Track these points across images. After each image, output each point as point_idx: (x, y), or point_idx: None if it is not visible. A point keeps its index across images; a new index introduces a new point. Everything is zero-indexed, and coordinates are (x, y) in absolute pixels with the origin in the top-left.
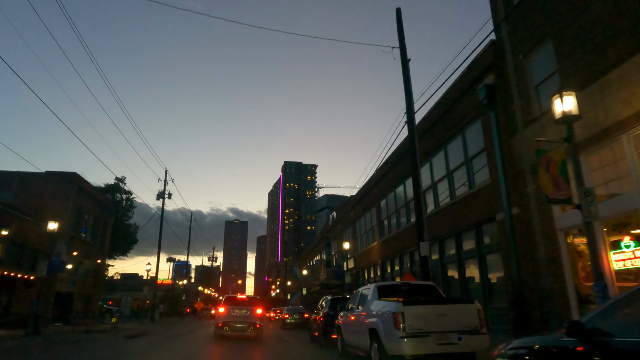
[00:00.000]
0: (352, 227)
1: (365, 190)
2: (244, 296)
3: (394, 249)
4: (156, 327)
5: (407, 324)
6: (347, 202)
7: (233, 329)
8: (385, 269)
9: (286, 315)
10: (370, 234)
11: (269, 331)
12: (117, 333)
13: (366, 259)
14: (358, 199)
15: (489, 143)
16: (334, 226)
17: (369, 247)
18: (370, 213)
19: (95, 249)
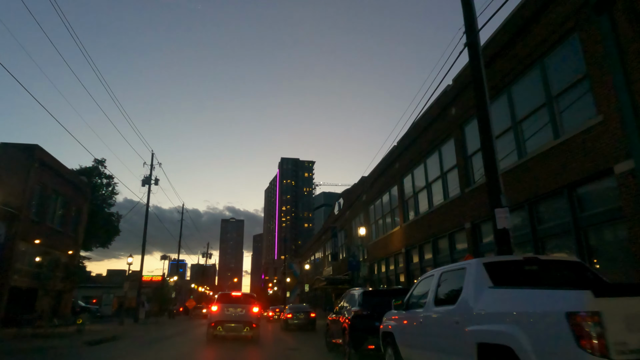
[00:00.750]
0: (365, 213)
1: (381, 168)
2: (239, 293)
3: (424, 232)
4: (137, 329)
5: (611, 337)
6: (357, 184)
7: (227, 329)
8: (410, 258)
9: (289, 314)
10: (389, 218)
11: (269, 333)
12: (82, 338)
13: (383, 249)
14: (373, 179)
15: (594, 65)
16: (342, 214)
17: (386, 234)
18: (388, 194)
19: (66, 238)
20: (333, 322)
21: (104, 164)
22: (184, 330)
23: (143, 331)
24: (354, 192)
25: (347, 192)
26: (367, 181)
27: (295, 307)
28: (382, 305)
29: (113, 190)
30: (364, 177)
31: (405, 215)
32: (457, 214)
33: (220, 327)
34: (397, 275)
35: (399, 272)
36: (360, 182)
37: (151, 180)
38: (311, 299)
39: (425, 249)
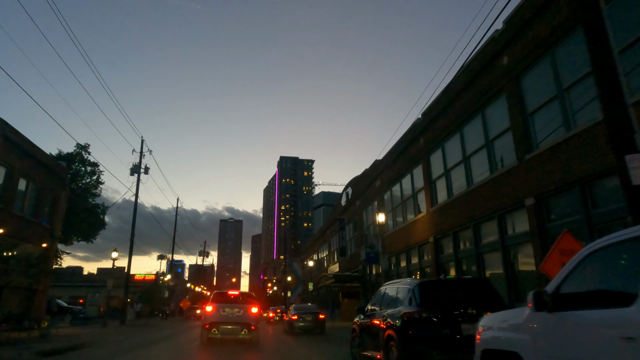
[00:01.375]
0: (379, 200)
1: (400, 148)
2: (236, 292)
3: (461, 217)
4: (120, 332)
5: None
6: (369, 169)
7: (223, 331)
8: (440, 249)
9: (294, 316)
10: (411, 204)
11: (270, 338)
12: (41, 345)
13: (403, 240)
14: (389, 162)
15: None
16: (350, 204)
17: (407, 223)
18: (409, 177)
19: (38, 228)
20: (364, 327)
21: (87, 149)
22: (175, 334)
23: (126, 335)
24: (364, 179)
25: (356, 179)
26: (381, 165)
27: (301, 308)
28: (452, 303)
29: (98, 179)
30: (377, 161)
31: (433, 199)
32: (511, 188)
33: (215, 329)
34: (422, 269)
35: (425, 265)
36: (372, 167)
37: (140, 169)
38: (315, 299)
39: (462, 236)
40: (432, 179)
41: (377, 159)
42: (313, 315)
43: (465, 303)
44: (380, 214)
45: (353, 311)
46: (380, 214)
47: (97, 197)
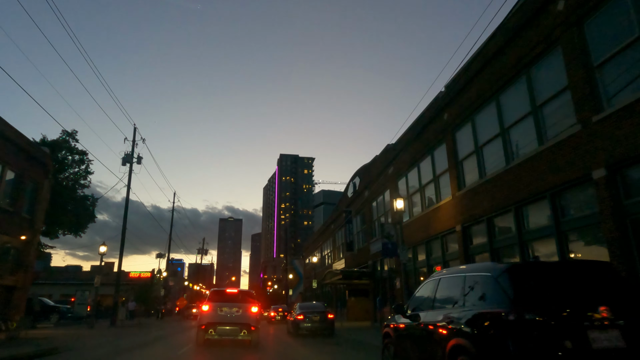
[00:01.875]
0: (393, 188)
1: (419, 127)
2: (235, 290)
3: (498, 199)
4: (106, 334)
5: None
6: (380, 155)
7: (220, 332)
8: (469, 238)
9: (300, 315)
10: (431, 190)
11: (272, 340)
12: (3, 350)
13: (422, 230)
14: (405, 144)
15: None
16: (358, 195)
17: (427, 210)
18: (430, 158)
19: (17, 219)
20: (407, 333)
21: (74, 136)
22: (167, 335)
23: (111, 337)
24: (374, 167)
25: (364, 168)
26: (395, 149)
27: (307, 306)
28: (566, 299)
29: (87, 169)
30: (390, 146)
31: (460, 181)
32: (570, 160)
33: (212, 330)
34: (444, 263)
35: (449, 258)
36: (384, 153)
37: (133, 158)
38: (318, 298)
39: (499, 221)
40: (459, 159)
41: (390, 144)
42: (321, 314)
43: (588, 298)
44: (399, 199)
45: (361, 310)
46: (399, 199)
47: (86, 188)
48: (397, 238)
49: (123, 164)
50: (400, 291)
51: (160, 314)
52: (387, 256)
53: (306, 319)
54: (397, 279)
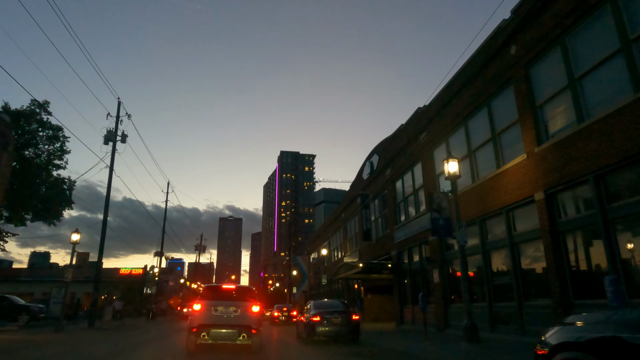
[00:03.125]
0: (425, 159)
1: (468, 73)
2: (232, 286)
3: (617, 147)
4: (73, 339)
5: None
6: (407, 125)
7: (215, 336)
8: (558, 209)
9: (316, 316)
10: (488, 153)
11: (277, 345)
12: None
13: (473, 207)
14: (442, 102)
15: None
16: (377, 175)
17: (482, 180)
18: (483, 114)
19: None
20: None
21: (46, 108)
22: (152, 339)
23: (80, 343)
24: (398, 140)
25: (385, 143)
26: (430, 111)
27: (324, 305)
28: None
29: (62, 147)
30: (422, 109)
31: (540, 133)
32: None
33: (205, 333)
34: (512, 246)
35: (520, 239)
36: (412, 120)
37: (117, 136)
38: (327, 296)
39: (616, 181)
40: (537, 102)
41: (420, 107)
42: (343, 315)
43: None
44: (452, 160)
45: (379, 309)
46: (452, 160)
47: (61, 169)
48: (451, 212)
49: (105, 142)
50: (439, 286)
51: (152, 313)
52: (438, 235)
53: (324, 321)
54: (435, 271)
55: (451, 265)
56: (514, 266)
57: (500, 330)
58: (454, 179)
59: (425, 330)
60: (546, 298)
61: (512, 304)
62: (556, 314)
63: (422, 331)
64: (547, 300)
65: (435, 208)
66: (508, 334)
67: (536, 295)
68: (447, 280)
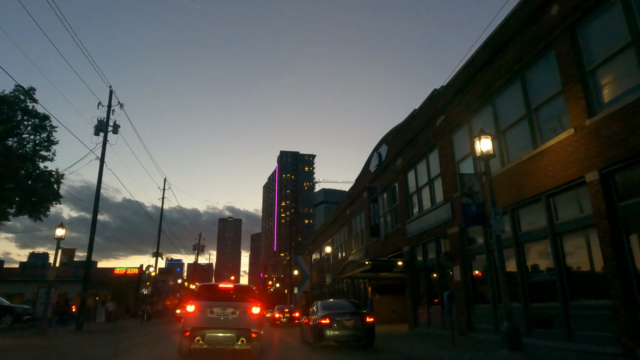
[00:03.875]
0: (442, 145)
1: (496, 43)
2: (230, 285)
3: None
4: (53, 345)
5: None
6: (422, 109)
7: (211, 340)
8: (615, 192)
9: (325, 319)
10: (521, 132)
11: (280, 351)
12: None
13: (505, 193)
14: (463, 81)
15: None
16: (386, 166)
17: (515, 162)
18: (515, 88)
19: None
20: None
21: (32, 95)
22: (143, 343)
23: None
24: (410, 127)
25: (395, 132)
26: (446, 93)
27: (334, 305)
28: None
29: (49, 137)
30: (438, 90)
31: (592, 103)
32: None
33: (199, 337)
34: (555, 237)
35: (564, 229)
36: (429, 102)
37: (108, 126)
38: (329, 296)
39: None
40: (588, 68)
41: (436, 89)
42: (356, 317)
43: None
44: (484, 137)
45: (387, 310)
46: (484, 137)
47: (49, 160)
48: (486, 196)
49: (96, 133)
50: (460, 284)
51: (147, 315)
52: (471, 223)
53: (333, 324)
54: (456, 268)
55: (474, 261)
56: (557, 260)
57: (539, 334)
58: (487, 158)
59: (453, 334)
60: (602, 298)
61: (555, 305)
62: (617, 316)
63: (445, 335)
64: (603, 300)
65: (466, 192)
66: (551, 339)
67: (586, 294)
68: (469, 277)
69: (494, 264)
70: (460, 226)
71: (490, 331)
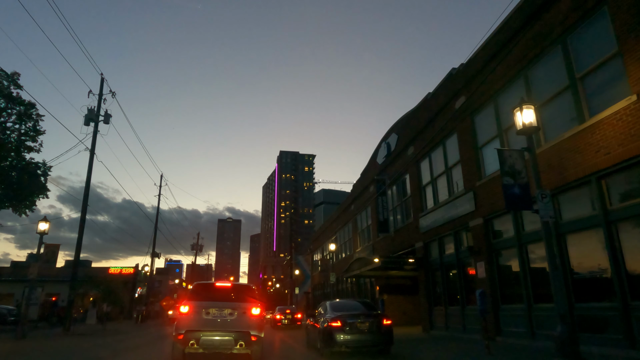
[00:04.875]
0: (463, 128)
1: (524, 13)
2: (228, 284)
3: None
4: (29, 350)
5: None
6: (437, 91)
7: (206, 344)
8: None
9: (336, 321)
10: (564, 105)
11: (283, 356)
12: None
13: (544, 174)
14: (490, 53)
15: None
16: (396, 157)
17: (557, 140)
18: (556, 54)
19: None
20: None
21: (17, 80)
22: (132, 348)
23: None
24: (423, 113)
25: (405, 120)
26: (469, 69)
27: (346, 306)
28: None
29: (36, 126)
30: (457, 69)
31: None
32: None
33: (194, 341)
34: (608, 225)
35: (623, 215)
36: (446, 83)
37: (99, 116)
38: (333, 296)
39: None
40: None
41: (454, 68)
42: (370, 320)
43: None
44: (526, 107)
45: (397, 311)
46: (526, 107)
47: (35, 152)
48: (530, 177)
49: (86, 123)
50: (485, 282)
51: (141, 316)
52: (514, 208)
53: (346, 327)
54: (480, 264)
55: (500, 256)
56: (612, 253)
57: (588, 340)
58: (530, 132)
59: (487, 340)
60: None
61: (610, 305)
62: None
63: (467, 339)
64: None
65: (507, 171)
66: (607, 345)
67: None
68: (496, 274)
69: (527, 258)
70: (485, 217)
71: (522, 335)
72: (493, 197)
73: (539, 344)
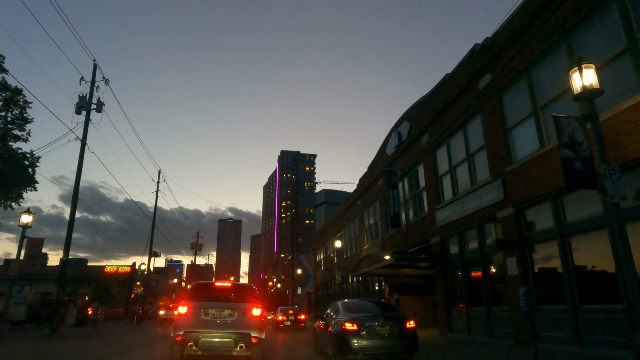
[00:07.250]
0: (488, 109)
1: None
2: (228, 283)
3: None
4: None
5: None
6: (456, 73)
7: (205, 346)
8: None
9: (351, 323)
10: (615, 73)
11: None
12: None
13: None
14: (523, 21)
15: None
16: (408, 146)
17: (616, 111)
18: (603, 17)
19: None
20: None
21: (1, 63)
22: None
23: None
24: (439, 97)
25: (418, 106)
26: (497, 41)
27: (362, 307)
28: None
29: (23, 114)
30: (480, 45)
31: None
32: None
33: (192, 343)
34: None
35: None
36: (467, 61)
37: (91, 104)
38: (337, 296)
39: None
40: None
41: (477, 44)
42: (391, 323)
43: None
44: (587, 68)
45: (408, 312)
46: (587, 68)
47: (22, 141)
48: (592, 150)
49: (77, 111)
50: (516, 280)
51: (136, 317)
52: (574, 186)
53: (363, 331)
54: (511, 259)
55: (533, 252)
56: None
57: None
58: (592, 96)
59: (535, 347)
60: None
61: None
62: None
63: (495, 345)
64: None
65: (566, 142)
66: None
67: None
68: (530, 271)
69: (570, 252)
70: (516, 206)
71: (566, 341)
72: (527, 183)
73: (591, 352)
